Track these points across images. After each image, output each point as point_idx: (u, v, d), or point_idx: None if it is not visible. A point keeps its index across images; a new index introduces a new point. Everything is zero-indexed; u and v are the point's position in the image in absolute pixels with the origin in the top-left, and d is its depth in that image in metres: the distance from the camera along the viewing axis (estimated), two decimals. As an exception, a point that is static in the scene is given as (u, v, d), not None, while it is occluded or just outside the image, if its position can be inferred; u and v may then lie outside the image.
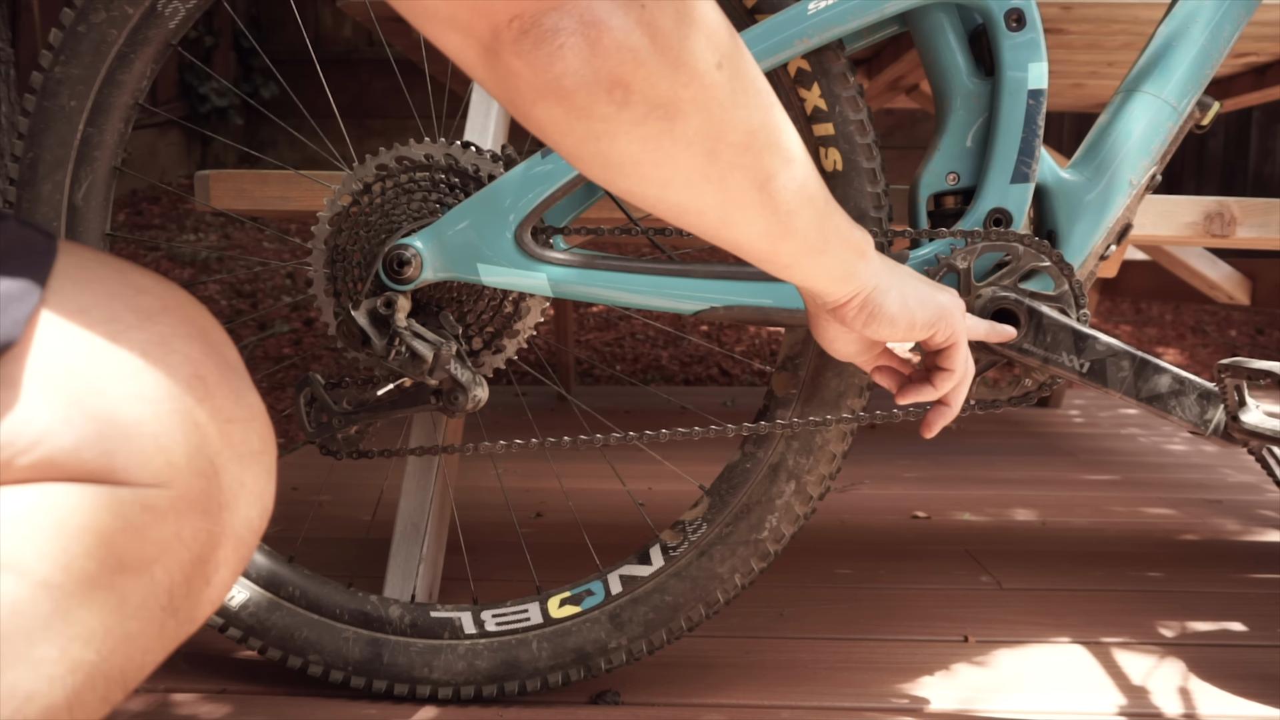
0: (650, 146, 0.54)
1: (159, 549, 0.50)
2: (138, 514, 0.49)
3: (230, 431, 0.53)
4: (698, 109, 0.54)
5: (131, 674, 0.50)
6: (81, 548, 0.47)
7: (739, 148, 0.57)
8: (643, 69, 0.51)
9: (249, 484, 0.55)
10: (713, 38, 0.54)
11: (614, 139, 0.53)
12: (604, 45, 0.50)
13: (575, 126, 0.52)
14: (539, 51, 0.50)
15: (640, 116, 0.52)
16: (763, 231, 0.62)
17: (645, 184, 0.56)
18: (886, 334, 0.74)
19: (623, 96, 0.51)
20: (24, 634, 0.45)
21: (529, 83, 0.51)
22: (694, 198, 0.58)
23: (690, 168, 0.56)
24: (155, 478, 0.50)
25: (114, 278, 0.53)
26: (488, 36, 0.50)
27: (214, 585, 0.54)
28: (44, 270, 0.50)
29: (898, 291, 0.73)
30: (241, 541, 0.55)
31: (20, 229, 0.51)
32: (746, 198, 0.59)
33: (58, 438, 0.48)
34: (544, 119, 0.52)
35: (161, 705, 0.97)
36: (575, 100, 0.51)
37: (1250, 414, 0.88)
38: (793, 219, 0.62)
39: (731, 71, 0.55)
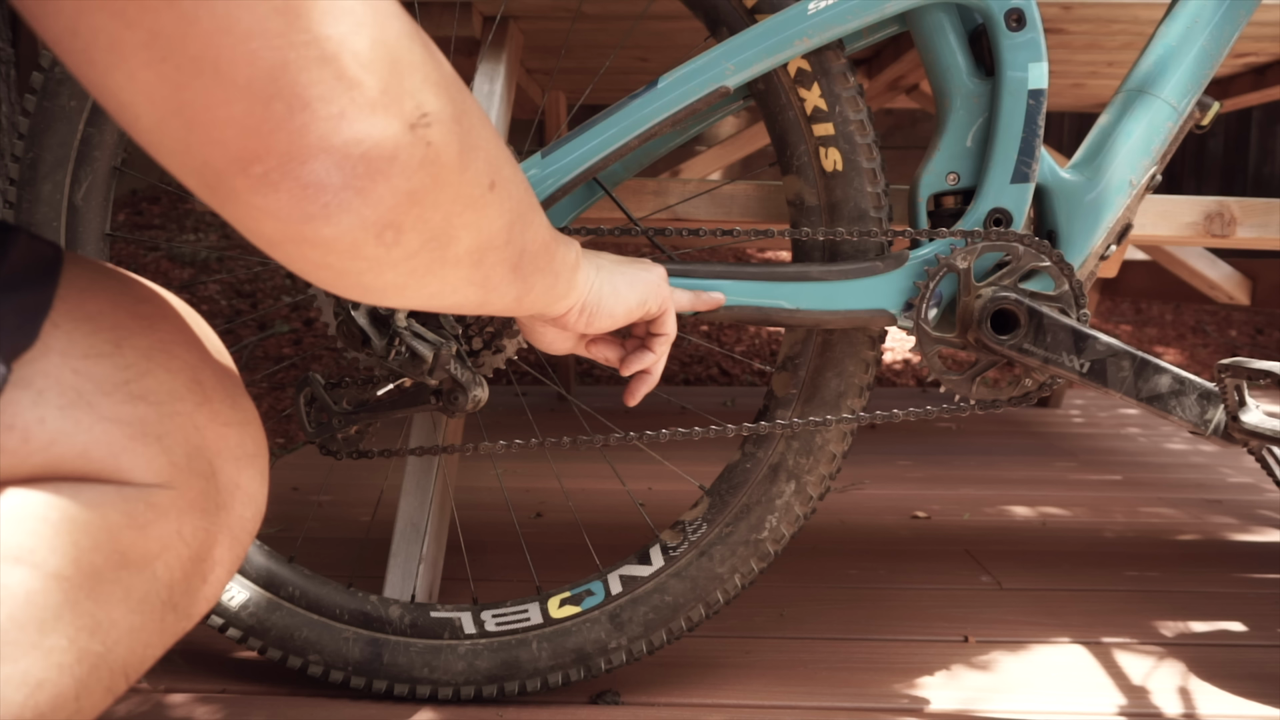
0: (419, 274, 0.48)
1: (161, 546, 0.52)
2: (142, 511, 0.51)
3: (227, 435, 0.56)
4: (470, 231, 0.49)
5: (134, 666, 0.52)
6: (90, 543, 0.49)
7: (501, 246, 0.53)
8: (417, 208, 0.44)
9: (244, 485, 0.57)
10: (489, 157, 0.49)
11: (379, 274, 0.46)
12: (378, 194, 0.42)
13: (333, 264, 0.44)
14: (294, 208, 0.40)
15: (411, 252, 0.46)
16: (514, 298, 0.60)
17: (409, 301, 0.51)
18: (607, 325, 0.75)
19: (394, 237, 0.44)
20: (37, 623, 0.47)
21: (275, 229, 0.41)
22: (457, 301, 0.54)
23: (457, 279, 0.52)
24: (158, 477, 0.52)
25: (116, 287, 0.55)
26: (213, 176, 0.39)
27: (210, 583, 0.56)
28: (53, 279, 0.52)
29: (609, 285, 0.73)
30: (237, 540, 0.57)
31: (30, 241, 0.53)
32: (504, 281, 0.56)
33: (68, 438, 0.50)
34: (295, 257, 0.44)
35: (161, 705, 0.97)
36: (335, 246, 0.43)
37: (1250, 414, 0.88)
38: (535, 274, 0.60)
39: (501, 182, 0.50)
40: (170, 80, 0.36)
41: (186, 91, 0.37)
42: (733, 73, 0.88)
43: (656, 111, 0.88)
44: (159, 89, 0.37)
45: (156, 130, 0.38)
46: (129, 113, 0.38)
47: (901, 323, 0.91)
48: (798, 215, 0.95)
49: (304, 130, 0.38)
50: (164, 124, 0.38)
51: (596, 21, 1.44)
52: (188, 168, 0.39)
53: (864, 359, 0.95)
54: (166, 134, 0.38)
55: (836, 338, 0.95)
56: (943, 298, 0.91)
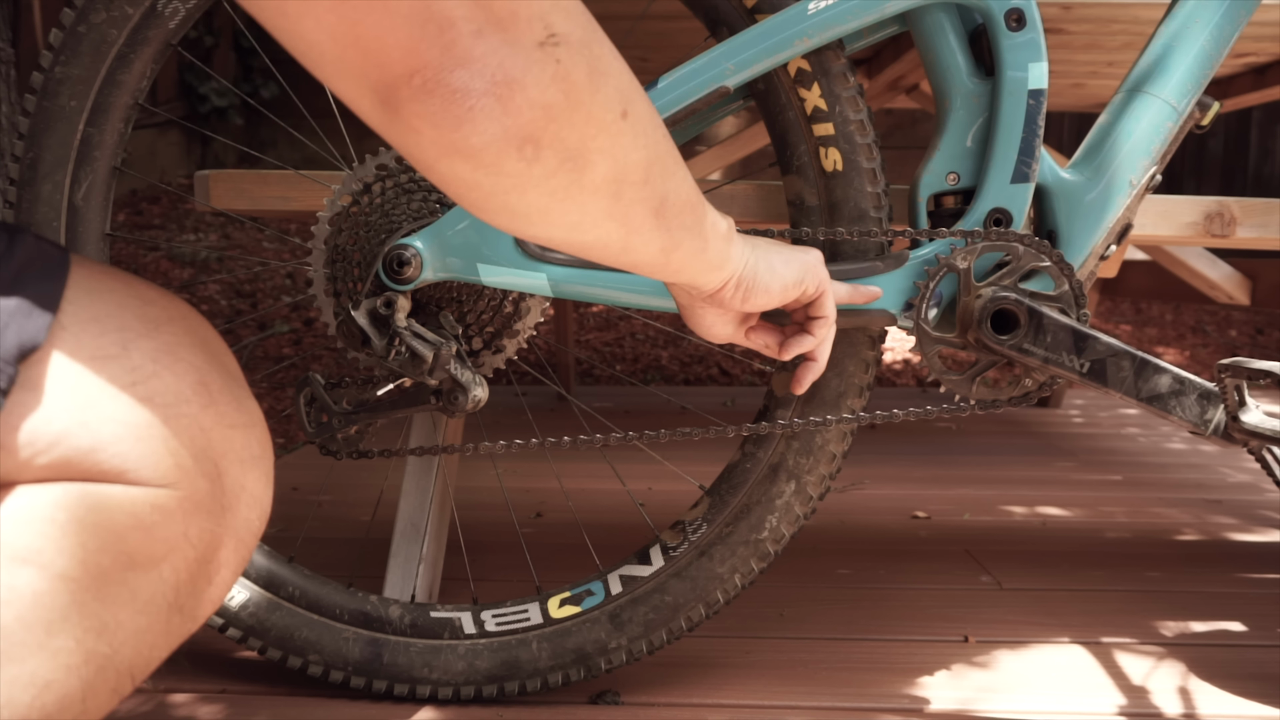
0: (559, 197, 0.52)
1: (167, 547, 0.53)
2: (148, 513, 0.52)
3: (233, 437, 0.56)
4: (604, 157, 0.52)
5: (139, 667, 0.53)
6: (97, 544, 0.50)
7: (639, 183, 0.56)
8: (554, 124, 0.49)
9: (249, 487, 0.57)
10: (620, 86, 0.52)
11: (523, 193, 0.51)
12: (516, 104, 0.47)
13: (482, 182, 0.50)
14: (446, 113, 0.46)
15: (550, 170, 0.50)
16: (659, 249, 0.62)
17: (553, 230, 0.55)
18: (764, 302, 0.75)
19: (533, 153, 0.49)
20: (44, 624, 0.47)
21: (432, 140, 0.48)
22: (600, 236, 0.57)
23: (597, 210, 0.55)
24: (164, 479, 0.53)
25: (122, 289, 0.56)
26: (384, 90, 0.46)
27: (215, 584, 0.56)
28: (60, 282, 0.53)
29: (765, 261, 0.74)
30: (242, 543, 0.57)
31: (37, 243, 0.54)
32: (646, 225, 0.59)
33: (75, 439, 0.50)
34: (448, 174, 0.50)
35: (161, 705, 0.97)
36: (483, 158, 0.48)
37: (1250, 414, 0.88)
38: (681, 229, 0.62)
39: (634, 115, 0.53)
40: (348, 18, 0.44)
41: (361, 26, 0.44)
42: (733, 73, 0.88)
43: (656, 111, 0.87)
44: (339, 26, 0.44)
45: (338, 60, 0.46)
46: (315, 51, 0.46)
47: (901, 323, 0.91)
48: (798, 215, 0.94)
49: (451, 45, 0.45)
50: (344, 54, 0.45)
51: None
52: (363, 87, 0.46)
53: (864, 359, 0.95)
54: (346, 62, 0.46)
55: (836, 337, 0.95)
56: (943, 298, 0.91)
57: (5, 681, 0.46)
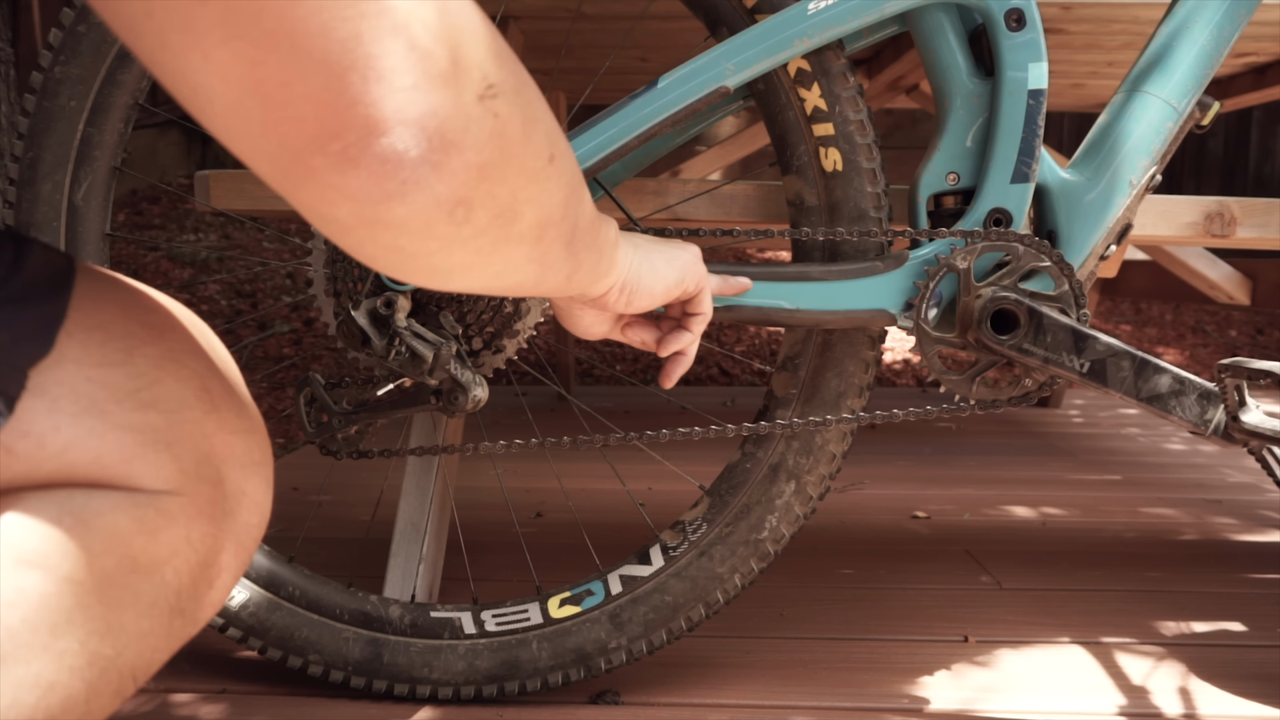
0: (485, 253, 0.48)
1: (170, 551, 0.53)
2: (152, 518, 0.52)
3: (234, 442, 0.57)
4: (533, 206, 0.49)
5: (141, 670, 0.53)
6: (101, 547, 0.50)
7: (558, 221, 0.53)
8: (486, 183, 0.44)
9: (250, 492, 0.58)
10: (547, 129, 0.49)
11: (449, 254, 0.46)
12: (451, 169, 0.41)
13: (404, 247, 0.44)
14: (373, 186, 0.40)
15: (481, 229, 0.46)
16: (565, 276, 0.59)
17: (473, 282, 0.51)
18: (647, 304, 0.74)
19: (464, 215, 0.44)
20: (50, 626, 0.48)
21: (350, 213, 0.41)
22: (517, 280, 0.54)
23: (519, 257, 0.51)
24: (168, 484, 0.53)
25: (127, 297, 0.56)
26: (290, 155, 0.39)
27: (216, 588, 0.57)
28: (67, 290, 0.53)
29: (648, 264, 0.73)
30: (242, 547, 0.58)
31: (44, 251, 0.54)
32: (559, 258, 0.56)
33: (81, 444, 0.51)
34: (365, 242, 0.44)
35: (162, 705, 0.97)
36: (409, 226, 0.43)
37: (1250, 414, 0.88)
38: (586, 252, 0.60)
39: (558, 155, 0.50)
40: (245, 57, 0.36)
41: (262, 68, 0.36)
42: (733, 73, 0.88)
43: (656, 111, 0.88)
44: (234, 68, 0.36)
45: (231, 113, 0.38)
46: (202, 97, 0.38)
47: (901, 323, 0.91)
48: (798, 215, 0.94)
49: (380, 102, 0.38)
50: (239, 105, 0.37)
51: (596, 21, 1.44)
52: (263, 151, 0.39)
53: (864, 359, 0.95)
54: (241, 115, 0.37)
55: (836, 338, 0.95)
56: (943, 298, 0.91)
57: (10, 683, 0.46)
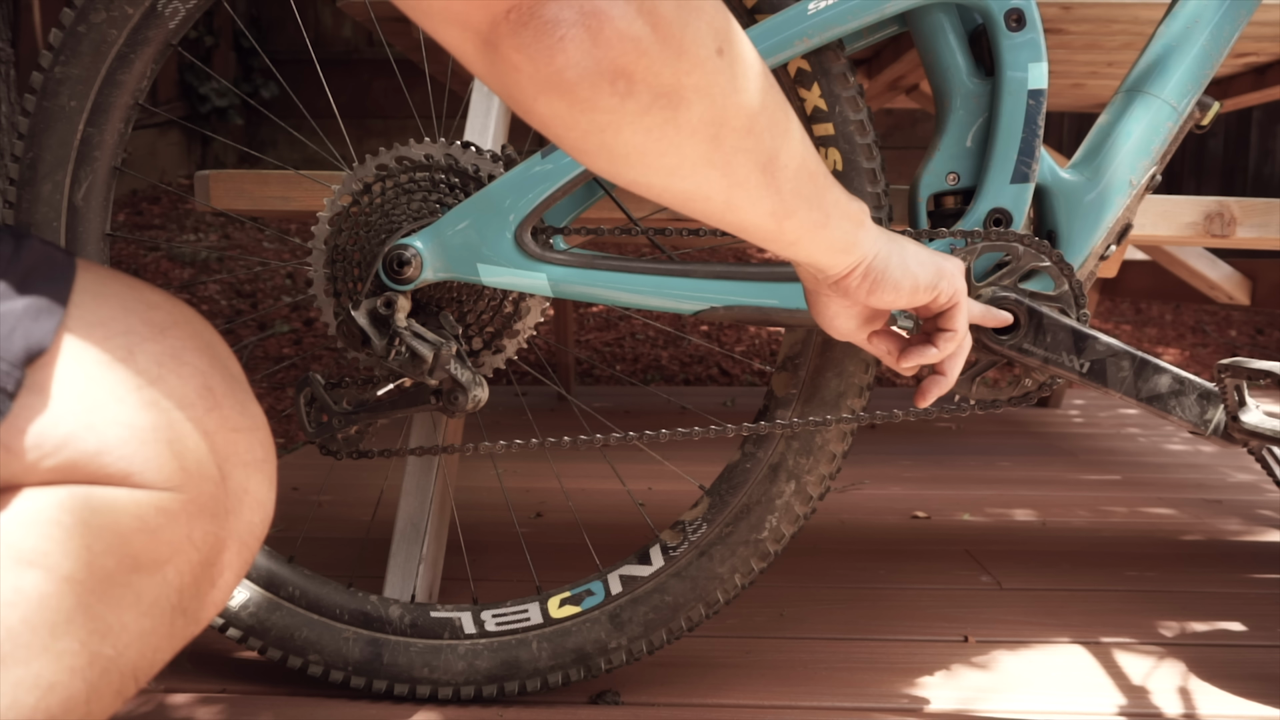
0: (655, 136, 0.53)
1: (171, 550, 0.53)
2: (153, 516, 0.52)
3: (236, 440, 0.57)
4: (701, 96, 0.52)
5: (143, 670, 0.53)
6: (102, 546, 0.50)
7: (742, 131, 0.55)
8: (645, 58, 0.50)
9: (253, 490, 0.58)
10: (713, 23, 0.52)
11: (618, 130, 0.52)
12: (606, 35, 0.48)
13: (579, 120, 0.51)
14: (539, 44, 0.48)
15: (644, 106, 0.51)
16: (769, 212, 0.61)
17: (651, 174, 0.55)
18: (891, 299, 0.72)
19: (626, 87, 0.50)
20: (50, 626, 0.47)
21: (530, 76, 0.49)
22: (700, 184, 0.57)
23: (696, 155, 0.55)
24: (169, 482, 0.53)
25: (128, 293, 0.56)
26: (485, 29, 0.49)
27: (219, 587, 0.57)
28: (66, 286, 0.53)
29: (898, 256, 0.71)
30: (245, 546, 0.58)
31: (43, 247, 0.54)
32: (751, 180, 0.58)
33: (82, 442, 0.51)
34: (546, 113, 0.51)
35: (162, 705, 0.97)
36: (578, 93, 0.50)
37: (1250, 414, 0.88)
38: (796, 196, 0.61)
39: (732, 56, 0.53)
40: None
41: None
42: (733, 73, 0.88)
43: (656, 111, 0.87)
44: None
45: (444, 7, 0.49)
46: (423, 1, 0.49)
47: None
48: (798, 215, 0.94)
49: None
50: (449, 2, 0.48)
51: (596, 21, 1.43)
52: (467, 30, 0.49)
53: (864, 359, 0.95)
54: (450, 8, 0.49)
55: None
56: (943, 298, 0.90)
57: (10, 684, 0.46)
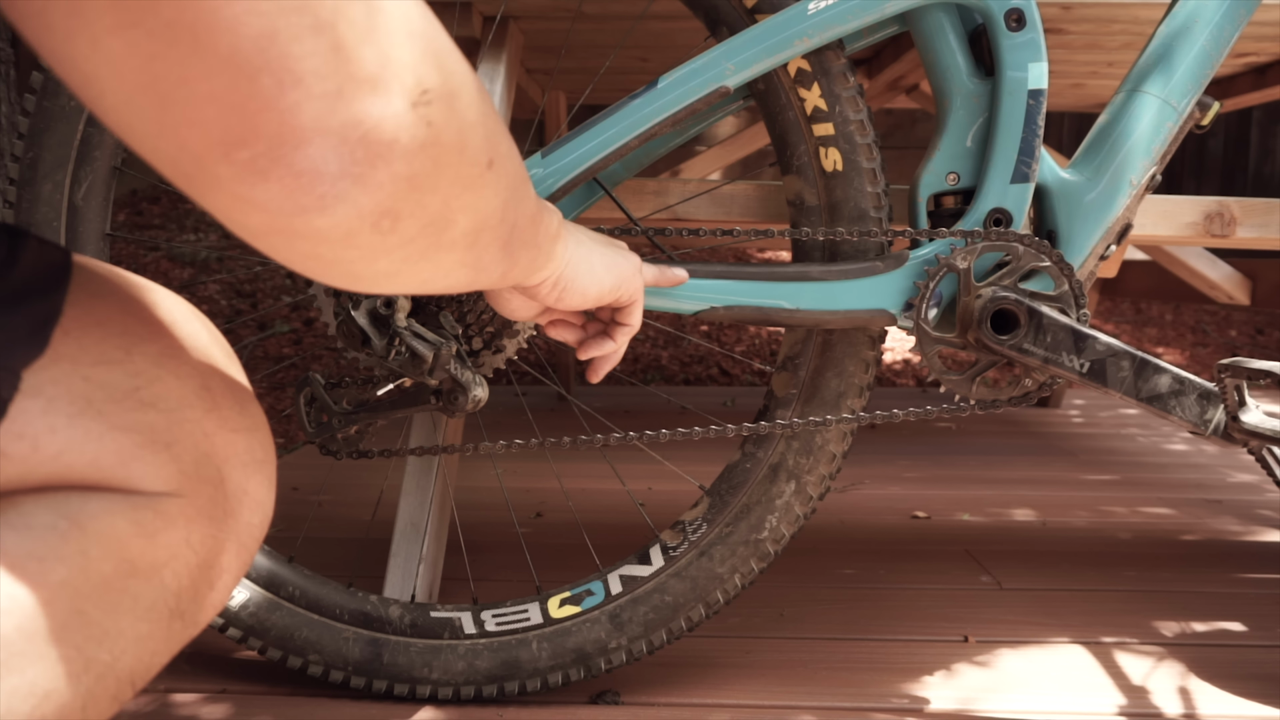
0: (413, 260, 0.44)
1: (169, 554, 0.52)
2: (150, 520, 0.51)
3: (235, 441, 0.56)
4: (468, 214, 0.45)
5: (140, 674, 0.52)
6: (98, 552, 0.49)
7: (494, 225, 0.50)
8: (416, 193, 0.40)
9: (252, 492, 0.57)
10: (485, 134, 0.44)
11: (372, 262, 0.43)
12: (377, 181, 0.38)
13: (324, 254, 0.41)
14: (286, 200, 0.36)
15: (408, 238, 0.42)
16: (500, 274, 0.56)
17: (398, 286, 0.47)
18: (577, 304, 0.72)
19: (390, 225, 0.40)
20: (44, 634, 0.47)
21: (261, 222, 0.38)
22: (448, 284, 0.51)
23: (451, 262, 0.48)
24: (166, 485, 0.52)
25: (126, 292, 0.55)
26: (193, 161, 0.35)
27: (218, 589, 0.56)
28: (63, 286, 0.52)
29: (586, 263, 0.70)
30: (244, 547, 0.57)
31: (40, 246, 0.53)
32: (494, 260, 0.53)
33: (78, 446, 0.50)
34: (280, 249, 0.40)
35: (161, 705, 0.97)
36: (330, 237, 0.39)
37: (1250, 414, 0.88)
38: (523, 249, 0.57)
39: (498, 158, 0.46)
40: (140, 50, 0.32)
41: (160, 63, 0.32)
42: (733, 73, 0.88)
43: (656, 111, 0.88)
44: (127, 60, 0.32)
45: (125, 108, 0.34)
46: (93, 88, 0.33)
47: (901, 323, 0.91)
48: (798, 215, 0.95)
49: (296, 109, 0.34)
50: (133, 101, 0.33)
51: (596, 21, 1.44)
52: (162, 152, 0.35)
53: (864, 359, 0.95)
54: (137, 113, 0.34)
55: (836, 338, 0.95)
56: (943, 298, 0.91)
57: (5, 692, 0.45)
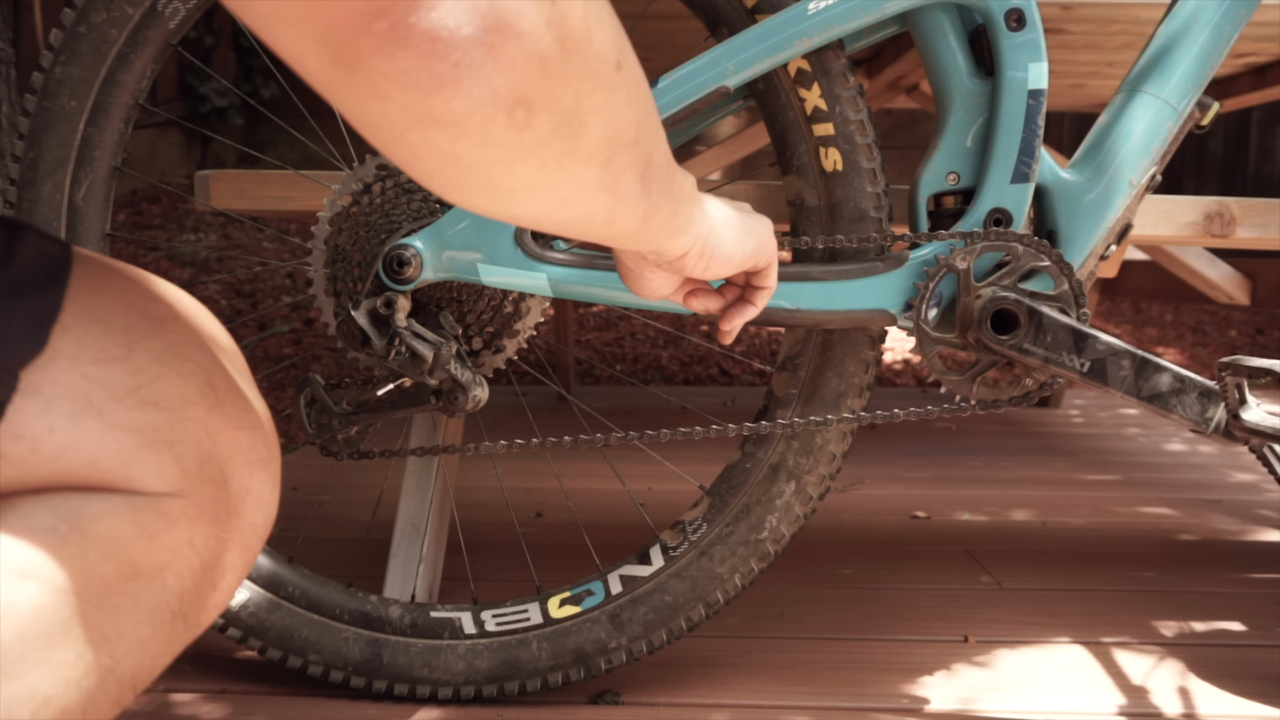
0: (550, 169, 0.43)
1: (171, 555, 0.52)
2: (152, 522, 0.51)
3: (239, 439, 0.55)
4: (600, 118, 0.44)
5: (141, 676, 0.52)
6: (99, 555, 0.49)
7: (630, 145, 0.48)
8: (548, 81, 0.40)
9: (256, 490, 0.56)
10: (612, 33, 0.44)
11: (509, 166, 0.42)
12: (509, 56, 0.38)
13: (462, 155, 0.40)
14: (423, 69, 0.36)
15: (543, 138, 0.42)
16: (640, 218, 0.54)
17: (538, 207, 0.46)
18: (725, 271, 0.69)
19: (525, 117, 0.40)
20: (44, 638, 0.46)
21: (402, 107, 0.37)
22: (587, 210, 0.49)
23: (588, 180, 0.46)
24: (169, 486, 0.52)
25: (127, 286, 0.54)
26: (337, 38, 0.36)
27: (220, 590, 0.55)
28: (63, 282, 0.51)
29: (727, 230, 0.67)
30: (247, 547, 0.56)
31: (38, 240, 0.52)
32: (633, 192, 0.51)
33: (78, 447, 0.49)
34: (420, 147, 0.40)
35: (162, 705, 0.97)
36: (465, 127, 0.39)
37: (1251, 412, 0.88)
38: (661, 193, 0.55)
39: (626, 65, 0.45)
40: None
41: None
42: (733, 73, 0.88)
43: (656, 111, 0.87)
44: None
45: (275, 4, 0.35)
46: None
47: (901, 323, 0.91)
48: (798, 215, 0.94)
49: None
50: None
51: (596, 21, 1.43)
52: (308, 37, 0.36)
53: (864, 359, 0.95)
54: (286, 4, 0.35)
55: (836, 338, 0.95)
56: (942, 298, 0.91)
57: (4, 699, 0.45)
